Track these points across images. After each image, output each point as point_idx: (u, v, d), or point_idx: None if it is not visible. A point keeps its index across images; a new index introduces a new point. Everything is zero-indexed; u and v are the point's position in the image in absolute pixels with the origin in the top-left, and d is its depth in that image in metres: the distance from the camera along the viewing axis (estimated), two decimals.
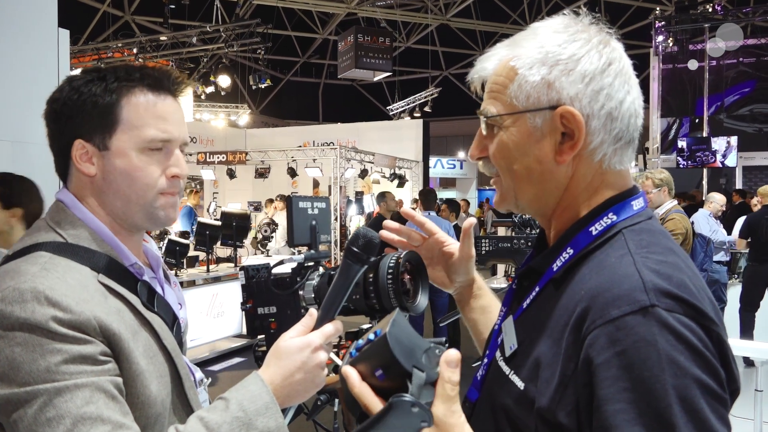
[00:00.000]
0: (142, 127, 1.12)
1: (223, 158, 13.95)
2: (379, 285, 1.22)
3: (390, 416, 0.77)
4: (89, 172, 1.13)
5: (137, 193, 1.13)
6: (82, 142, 1.12)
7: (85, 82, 1.12)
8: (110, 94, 1.11)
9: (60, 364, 0.95)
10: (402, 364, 0.79)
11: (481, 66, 0.99)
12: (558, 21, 0.94)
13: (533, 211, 1.00)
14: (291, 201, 1.36)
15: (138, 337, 1.07)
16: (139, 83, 1.13)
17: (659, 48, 15.20)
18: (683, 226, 4.81)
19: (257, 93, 23.10)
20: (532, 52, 0.91)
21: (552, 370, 0.83)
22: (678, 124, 16.06)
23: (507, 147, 0.94)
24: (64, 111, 1.12)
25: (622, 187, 0.94)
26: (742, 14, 14.69)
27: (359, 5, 18.80)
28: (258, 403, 1.01)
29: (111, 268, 1.11)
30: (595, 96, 0.89)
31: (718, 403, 0.75)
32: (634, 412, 0.73)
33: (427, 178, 17.34)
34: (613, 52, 0.92)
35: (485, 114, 0.96)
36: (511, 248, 5.10)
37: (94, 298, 1.03)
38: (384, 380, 0.81)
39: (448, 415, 0.79)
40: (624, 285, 0.79)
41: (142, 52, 16.53)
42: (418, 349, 0.81)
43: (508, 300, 1.05)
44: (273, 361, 1.06)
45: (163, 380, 1.09)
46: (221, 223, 8.02)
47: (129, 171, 1.12)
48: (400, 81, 24.15)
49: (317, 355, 1.06)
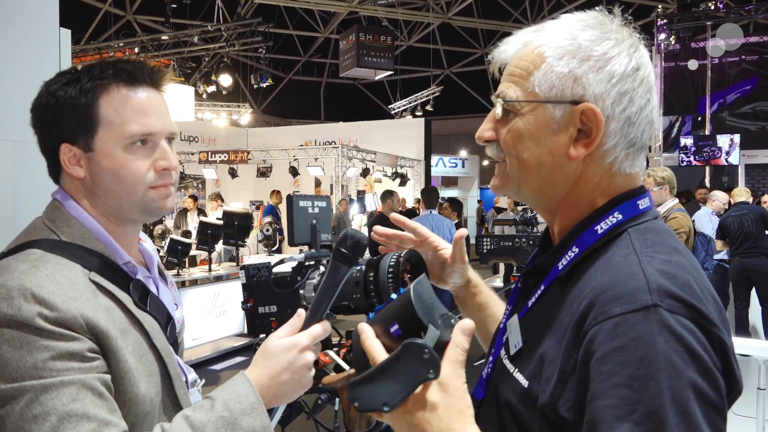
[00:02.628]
0: (122, 123, 1.10)
1: (225, 157, 13.97)
2: (379, 284, 1.22)
3: (402, 360, 0.77)
4: (78, 174, 1.13)
5: (127, 190, 1.12)
6: (68, 145, 1.12)
7: (60, 86, 1.11)
8: (85, 94, 1.10)
9: (47, 360, 0.95)
10: (420, 318, 0.80)
11: (503, 47, 0.96)
12: (591, 15, 0.93)
13: (534, 202, 0.99)
14: (291, 200, 1.36)
15: (127, 335, 1.07)
16: (113, 79, 1.11)
17: (661, 46, 15.17)
18: (686, 224, 4.81)
19: (259, 92, 23.08)
20: (563, 42, 0.90)
21: (553, 366, 0.83)
22: (680, 122, 16.03)
23: (521, 134, 0.92)
24: (45, 117, 1.12)
25: (630, 188, 0.94)
26: (745, 12, 14.65)
27: (361, 4, 18.79)
28: (244, 403, 1.01)
29: (103, 266, 1.10)
30: (619, 98, 0.88)
31: (712, 410, 0.73)
32: (624, 409, 0.72)
33: (429, 177, 17.35)
34: (642, 58, 0.91)
35: (504, 97, 0.93)
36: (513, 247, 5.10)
37: (82, 296, 1.02)
38: (398, 337, 0.82)
39: (454, 377, 0.80)
40: (628, 284, 0.79)
41: (144, 51, 16.54)
42: (436, 311, 0.83)
43: (513, 298, 1.04)
44: (260, 361, 1.07)
45: (153, 379, 1.09)
46: (223, 222, 8.01)
47: (115, 170, 1.11)
48: (402, 80, 24.14)
49: (304, 355, 1.07)
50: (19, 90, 2.62)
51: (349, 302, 1.26)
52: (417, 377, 0.77)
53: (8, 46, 2.62)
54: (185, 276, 7.27)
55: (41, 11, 2.78)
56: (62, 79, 1.12)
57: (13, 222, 2.48)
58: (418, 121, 18.52)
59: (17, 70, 2.65)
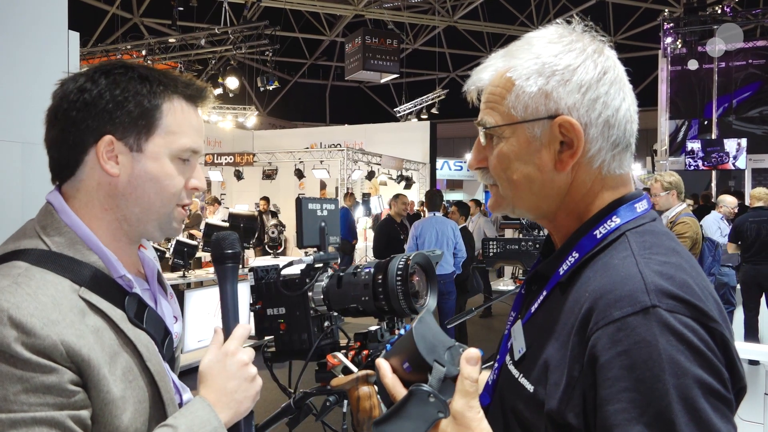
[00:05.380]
0: (179, 134, 1.10)
1: (231, 160, 14.01)
2: (388, 287, 1.22)
3: (409, 404, 0.84)
4: (113, 171, 1.06)
5: (162, 200, 1.10)
6: (112, 138, 1.06)
7: (127, 78, 1.07)
8: (154, 96, 1.08)
9: (19, 393, 0.89)
10: (424, 357, 0.85)
11: (477, 77, 1.00)
12: (552, 31, 0.96)
13: (533, 216, 1.02)
14: (300, 202, 1.37)
15: (117, 359, 1.01)
16: (180, 91, 1.12)
17: (668, 50, 15.15)
18: (693, 230, 4.78)
19: (265, 95, 23.16)
20: (528, 63, 0.93)
21: (560, 372, 0.84)
22: (687, 126, 15.99)
23: (507, 157, 0.95)
24: (98, 103, 1.05)
25: (624, 190, 0.96)
26: (751, 16, 14.62)
27: (367, 7, 18.83)
28: (207, 428, 1.01)
29: (96, 280, 1.03)
30: (592, 105, 0.91)
31: (721, 403, 0.75)
32: (635, 412, 0.74)
33: (434, 180, 17.35)
34: (608, 61, 0.94)
35: (484, 125, 0.98)
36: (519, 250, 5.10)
37: (66, 319, 0.96)
38: (410, 373, 0.88)
39: (467, 409, 0.83)
40: (626, 286, 0.80)
41: (151, 54, 16.61)
42: (441, 346, 0.87)
43: (517, 305, 1.06)
44: (204, 385, 1.07)
45: (142, 406, 1.03)
46: (229, 224, 8.03)
47: (160, 177, 1.09)
48: (407, 83, 24.15)
49: (237, 358, 1.09)
50: (28, 92, 2.64)
51: (358, 305, 1.26)
52: (429, 417, 0.83)
53: (17, 49, 2.63)
54: (191, 278, 7.28)
55: (50, 14, 2.80)
56: (126, 72, 1.08)
57: (21, 224, 2.49)
58: (424, 124, 18.53)
59: (26, 73, 2.66)
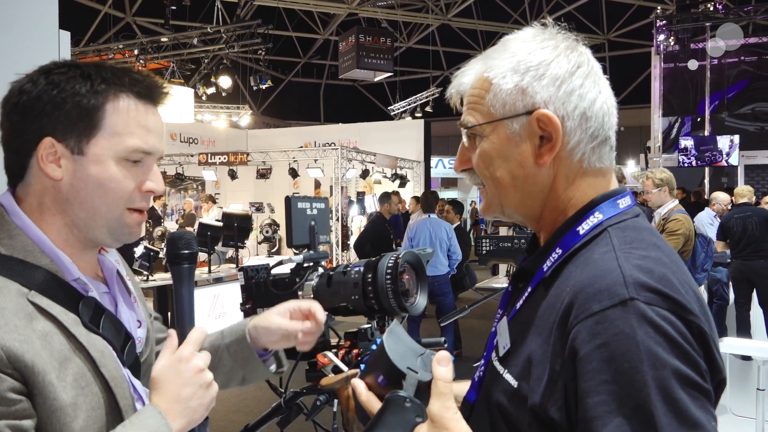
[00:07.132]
0: (125, 135, 1.04)
1: (225, 159, 13.95)
2: (377, 285, 1.22)
3: (387, 413, 0.85)
4: (54, 175, 1.02)
5: (107, 205, 1.05)
6: (52, 140, 1.02)
7: (66, 78, 1.02)
8: (95, 95, 1.02)
9: None
10: (397, 366, 0.87)
11: (457, 81, 1.04)
12: (526, 32, 1.00)
13: (520, 216, 1.03)
14: (290, 201, 1.36)
15: (67, 364, 0.97)
16: (127, 88, 1.05)
17: (660, 47, 15.19)
18: (686, 226, 4.78)
19: (258, 94, 23.09)
20: (504, 62, 0.97)
21: (542, 367, 0.85)
22: (680, 123, 16.03)
23: (489, 155, 0.98)
24: (35, 105, 1.01)
25: (606, 185, 0.98)
26: (744, 13, 14.67)
27: (360, 5, 18.80)
28: None
29: (47, 283, 1.00)
30: (568, 97, 0.93)
31: (699, 393, 0.76)
32: (614, 404, 0.75)
33: (428, 178, 17.34)
34: (581, 56, 0.97)
35: (465, 125, 1.01)
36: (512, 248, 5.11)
37: (9, 323, 0.92)
38: (386, 386, 0.89)
39: (443, 410, 0.84)
40: (605, 280, 0.82)
41: (144, 53, 16.53)
42: (412, 354, 0.90)
43: (504, 302, 1.07)
44: (157, 391, 1.01)
45: (96, 413, 1.00)
46: (223, 223, 8.01)
47: (103, 180, 1.03)
48: (401, 81, 24.13)
49: (192, 364, 1.02)
50: None
51: (348, 304, 1.26)
52: (408, 424, 0.85)
53: (7, 48, 2.61)
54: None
55: (41, 13, 2.78)
56: (68, 72, 1.03)
57: None
58: (418, 123, 18.49)
59: (15, 73, 2.65)
